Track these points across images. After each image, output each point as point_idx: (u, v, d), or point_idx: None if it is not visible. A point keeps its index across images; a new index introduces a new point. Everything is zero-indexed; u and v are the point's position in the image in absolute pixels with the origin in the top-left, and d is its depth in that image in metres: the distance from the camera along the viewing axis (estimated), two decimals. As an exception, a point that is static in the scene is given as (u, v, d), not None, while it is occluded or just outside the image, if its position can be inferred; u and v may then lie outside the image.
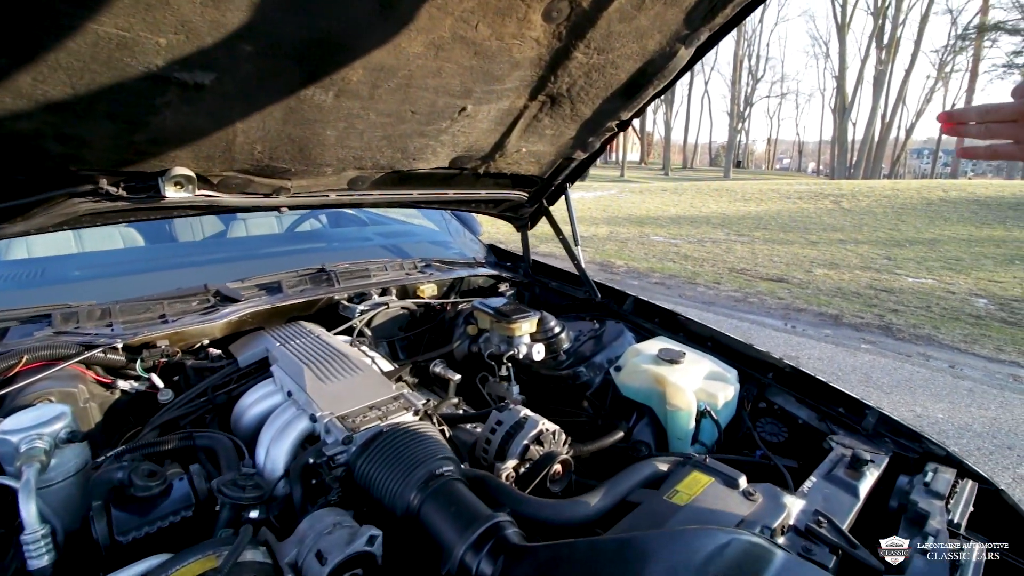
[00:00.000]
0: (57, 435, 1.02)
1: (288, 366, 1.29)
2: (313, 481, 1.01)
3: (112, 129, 0.97)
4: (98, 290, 1.59)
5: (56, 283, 1.67)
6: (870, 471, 1.17)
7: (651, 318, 1.90)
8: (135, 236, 2.14)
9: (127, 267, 1.86)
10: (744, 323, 5.61)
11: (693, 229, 11.59)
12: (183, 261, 1.96)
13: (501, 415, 1.22)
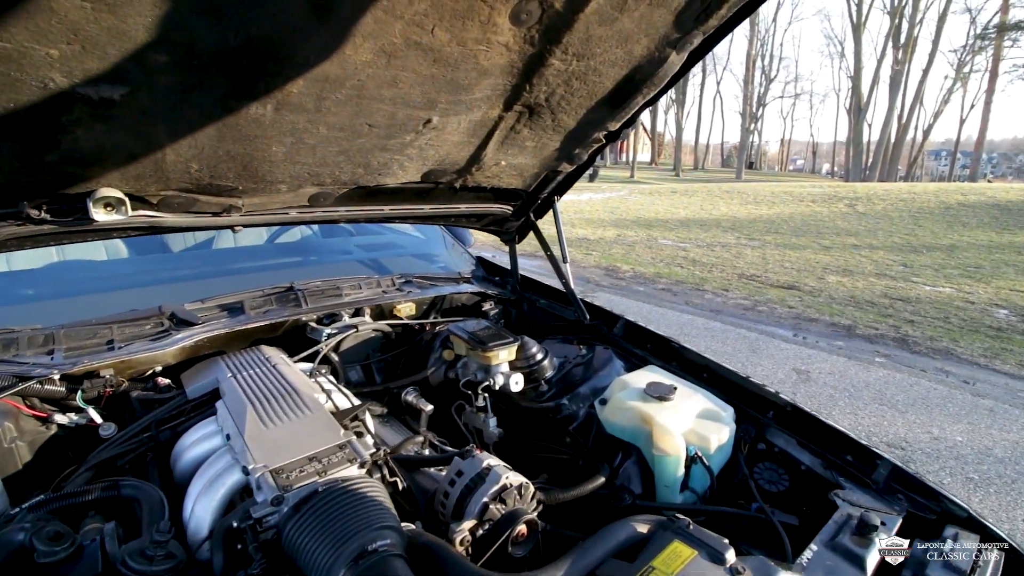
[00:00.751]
0: (-41, 489, 0.92)
1: (233, 403, 1.18)
2: (238, 546, 0.89)
3: (17, 150, 0.86)
4: (48, 311, 1.49)
5: (4, 304, 1.58)
6: (880, 538, 1.03)
7: (643, 344, 1.76)
8: (98, 246, 2.03)
9: (85, 285, 1.76)
10: (752, 333, 5.43)
11: (703, 233, 11.38)
12: (146, 278, 1.86)
13: (463, 463, 1.10)
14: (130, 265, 1.98)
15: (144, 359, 1.38)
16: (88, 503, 0.99)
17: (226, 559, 0.88)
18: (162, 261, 2.04)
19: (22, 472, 1.12)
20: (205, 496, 0.98)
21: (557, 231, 1.92)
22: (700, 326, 5.62)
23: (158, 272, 1.96)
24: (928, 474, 3.01)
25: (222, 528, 0.90)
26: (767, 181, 26.37)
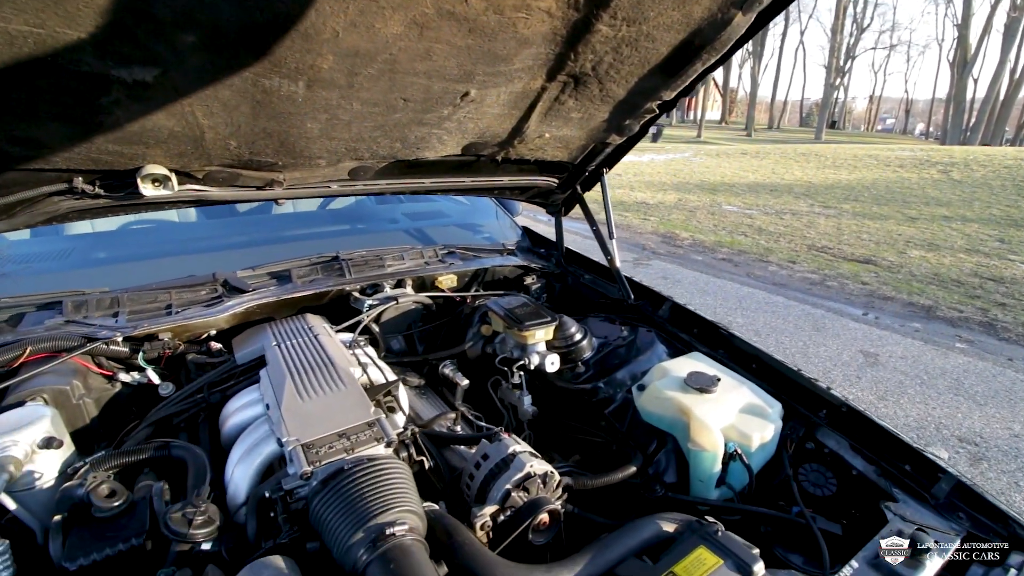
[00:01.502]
0: (34, 441, 1.02)
1: (274, 373, 1.23)
2: (271, 514, 0.94)
3: (63, 130, 0.90)
4: (115, 275, 1.60)
5: (78, 267, 1.71)
6: (931, 560, 0.95)
7: (689, 328, 1.68)
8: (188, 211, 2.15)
9: (149, 249, 1.87)
10: (818, 310, 5.11)
11: (772, 199, 10.67)
12: (203, 244, 1.95)
13: (489, 447, 1.10)
14: (188, 230, 2.08)
15: (199, 324, 1.46)
16: (143, 460, 1.08)
17: (259, 526, 0.93)
18: (219, 227, 2.13)
19: (89, 426, 1.22)
20: (243, 463, 1.03)
21: (604, 205, 1.83)
22: (760, 300, 5.34)
23: (215, 238, 2.05)
24: (1003, 475, 2.77)
25: (256, 497, 0.95)
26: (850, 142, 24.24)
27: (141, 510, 0.94)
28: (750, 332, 4.52)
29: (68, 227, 1.88)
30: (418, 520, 0.88)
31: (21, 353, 1.25)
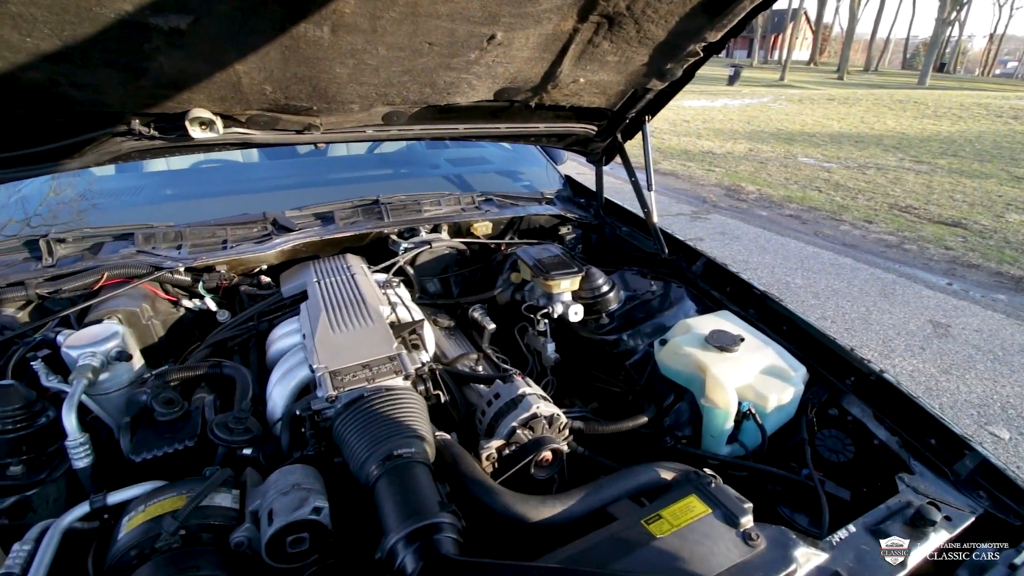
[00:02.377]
0: (109, 353, 1.18)
1: (312, 307, 1.33)
2: (301, 430, 1.06)
3: (116, 76, 0.98)
4: (179, 211, 1.75)
5: (150, 203, 1.87)
6: (937, 533, 0.94)
7: (722, 286, 1.64)
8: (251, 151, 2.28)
9: (208, 188, 2.01)
10: (889, 275, 4.76)
11: (857, 151, 9.77)
12: (257, 185, 2.07)
13: (501, 387, 1.16)
14: (243, 171, 2.21)
15: (250, 259, 1.59)
16: (199, 376, 1.23)
17: (291, 439, 1.06)
18: (271, 168, 2.25)
19: (156, 345, 1.39)
20: (280, 384, 1.15)
21: (645, 155, 1.77)
22: (825, 261, 5.03)
23: (267, 179, 2.17)
24: (1074, 461, 2.58)
25: (288, 414, 1.06)
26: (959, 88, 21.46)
27: (195, 418, 1.08)
28: (808, 294, 4.30)
29: (144, 165, 2.06)
30: (426, 446, 0.96)
31: (99, 278, 1.42)
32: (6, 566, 0.79)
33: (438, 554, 0.76)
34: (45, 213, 1.75)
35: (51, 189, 1.86)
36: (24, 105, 1.02)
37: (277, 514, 0.84)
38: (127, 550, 0.81)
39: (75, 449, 1.02)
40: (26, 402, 1.04)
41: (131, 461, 1.01)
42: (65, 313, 1.34)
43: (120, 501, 0.91)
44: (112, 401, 1.19)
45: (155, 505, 0.86)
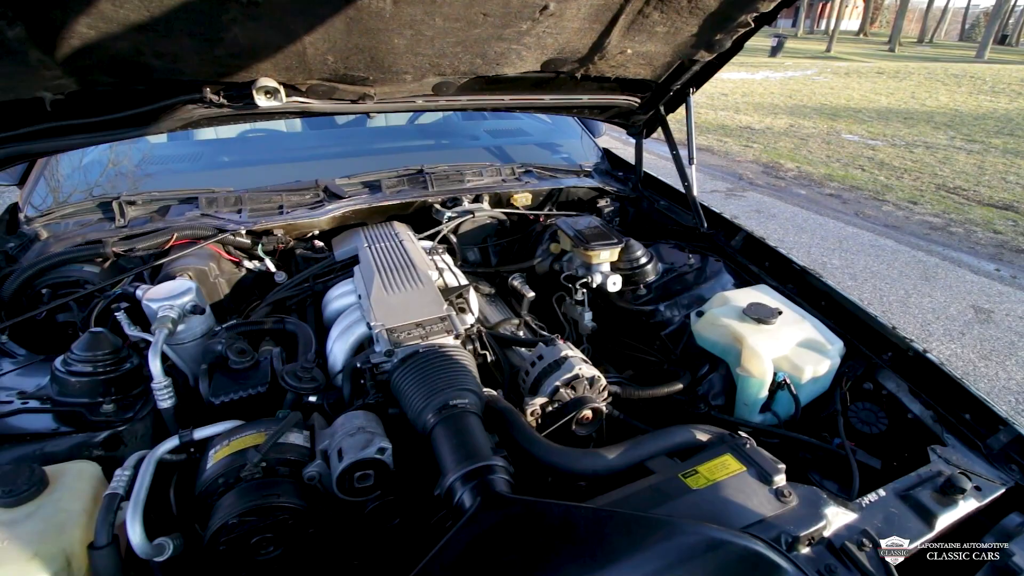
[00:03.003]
0: (184, 307, 1.28)
1: (365, 270, 1.41)
2: (361, 381, 1.14)
3: (194, 45, 1.04)
4: (240, 177, 1.84)
5: (208, 169, 1.97)
6: (966, 501, 0.97)
7: (761, 261, 1.65)
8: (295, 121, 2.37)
9: (265, 156, 2.10)
10: (932, 258, 4.62)
11: (905, 128, 9.33)
12: (310, 153, 2.15)
13: (544, 350, 1.22)
14: (293, 140, 2.29)
15: (304, 224, 1.67)
16: (264, 331, 1.32)
17: (352, 389, 1.14)
18: (318, 137, 2.32)
19: (221, 301, 1.49)
20: (340, 340, 1.24)
21: (687, 128, 1.77)
22: (865, 242, 4.90)
23: (315, 148, 2.24)
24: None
25: (349, 367, 1.15)
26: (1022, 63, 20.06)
27: (264, 366, 1.18)
28: (845, 276, 4.22)
29: (194, 133, 2.15)
30: (477, 398, 1.04)
31: (170, 238, 1.52)
32: (111, 487, 0.90)
33: (493, 491, 0.84)
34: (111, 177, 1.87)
35: (110, 160, 1.97)
36: (110, 73, 1.10)
37: (346, 452, 0.92)
38: (215, 478, 0.91)
39: (160, 391, 1.13)
40: (114, 348, 1.15)
41: (210, 404, 1.11)
42: (141, 269, 1.45)
43: (204, 437, 1.01)
44: (187, 351, 1.29)
45: (238, 440, 0.96)
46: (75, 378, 1.10)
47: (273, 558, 0.91)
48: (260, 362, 1.19)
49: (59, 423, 1.07)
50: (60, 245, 1.53)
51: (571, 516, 0.80)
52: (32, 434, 1.04)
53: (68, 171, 1.84)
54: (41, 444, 1.02)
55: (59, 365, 1.11)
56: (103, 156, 1.96)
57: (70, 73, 1.07)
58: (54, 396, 1.10)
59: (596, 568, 0.73)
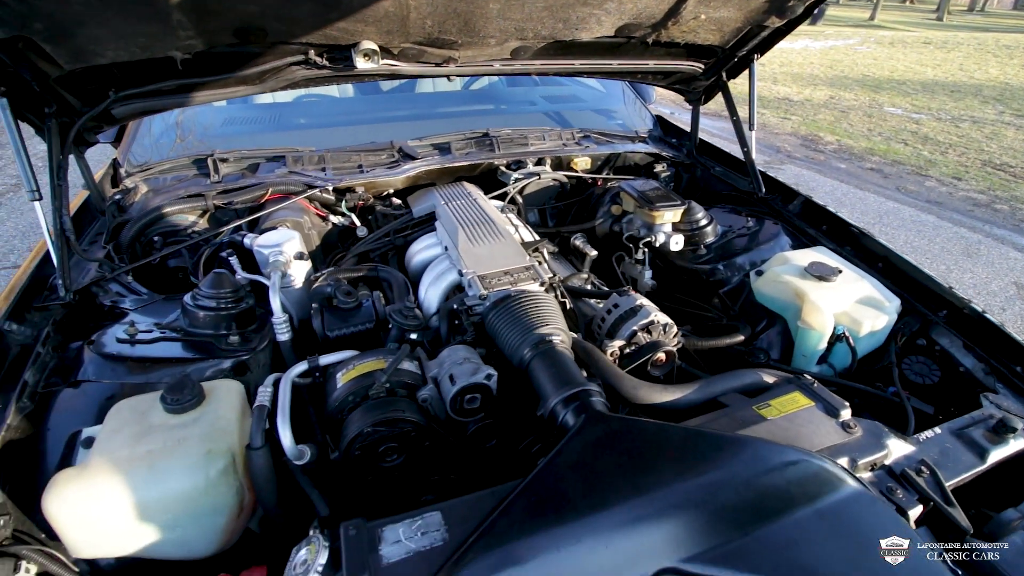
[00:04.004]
0: (291, 253, 1.41)
1: (447, 224, 1.52)
2: (455, 322, 1.27)
3: (313, 9, 1.14)
4: (316, 137, 1.96)
5: (287, 129, 2.09)
6: (1016, 440, 1.06)
7: (818, 224, 1.71)
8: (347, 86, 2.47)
9: (336, 118, 2.21)
10: (975, 235, 4.55)
11: (951, 102, 8.99)
12: (378, 115, 2.24)
13: (619, 299, 1.33)
14: (363, 104, 2.39)
15: (382, 182, 1.79)
16: (359, 277, 1.45)
17: (448, 329, 1.27)
18: (386, 101, 2.42)
19: (313, 252, 1.62)
20: (433, 286, 1.36)
21: (750, 94, 1.81)
22: (906, 217, 4.85)
23: (379, 110, 2.34)
24: None
25: (446, 308, 1.27)
26: (1085, 30, 18.90)
27: (367, 307, 1.31)
28: (885, 249, 4.20)
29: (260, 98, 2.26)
30: (567, 337, 1.15)
31: (265, 192, 1.65)
32: (258, 401, 1.04)
33: (595, 410, 0.96)
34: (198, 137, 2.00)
35: (177, 124, 2.07)
36: (234, 35, 1.21)
37: (458, 377, 1.05)
38: (346, 395, 1.05)
39: (280, 325, 1.27)
40: (234, 287, 1.29)
41: (325, 337, 1.25)
42: (243, 221, 1.58)
43: (328, 363, 1.15)
44: (291, 294, 1.43)
45: (361, 365, 1.09)
46: (203, 312, 1.24)
47: (395, 466, 1.05)
48: (363, 303, 1.32)
49: (191, 351, 1.22)
50: (161, 198, 1.67)
51: (665, 432, 0.91)
52: (174, 359, 1.19)
53: (160, 130, 1.98)
54: (184, 368, 1.17)
55: (188, 300, 1.25)
56: (190, 117, 2.08)
57: (201, 34, 1.18)
58: (186, 328, 1.25)
59: (689, 475, 0.85)
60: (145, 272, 1.57)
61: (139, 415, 0.98)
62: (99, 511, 0.87)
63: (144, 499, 0.88)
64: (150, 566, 0.98)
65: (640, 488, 0.82)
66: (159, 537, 0.92)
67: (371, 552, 0.77)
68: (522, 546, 0.75)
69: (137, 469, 0.89)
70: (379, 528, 0.80)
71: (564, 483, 0.83)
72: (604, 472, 0.85)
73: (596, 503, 0.80)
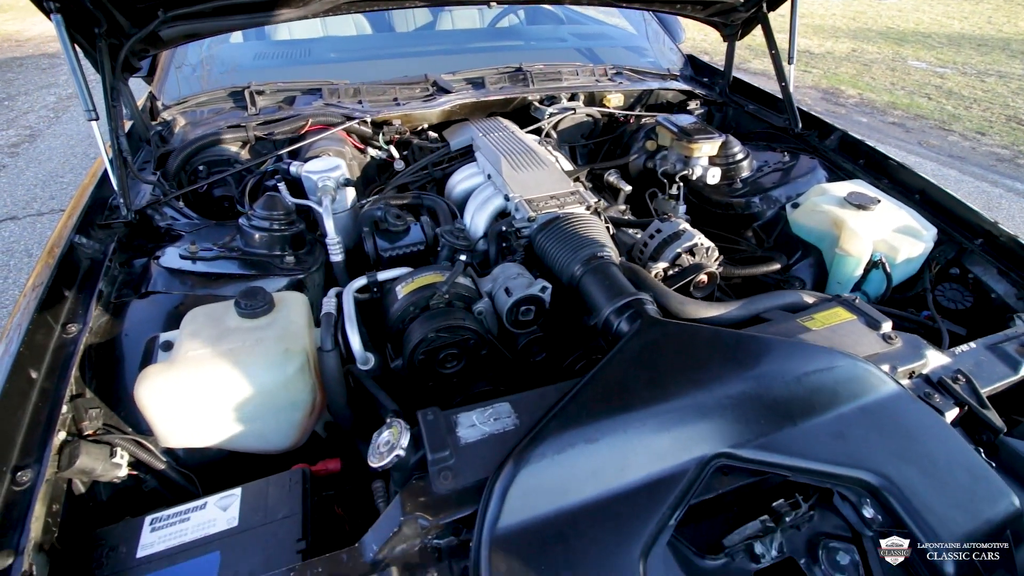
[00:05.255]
0: (338, 179, 1.44)
1: (488, 154, 1.53)
2: (504, 244, 1.30)
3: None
4: (346, 71, 1.94)
5: (316, 63, 2.07)
6: (1050, 354, 1.10)
7: (856, 159, 1.71)
8: (365, 25, 2.44)
9: (365, 53, 2.18)
10: (997, 189, 4.50)
11: (978, 56, 8.68)
12: (405, 51, 2.21)
13: (662, 224, 1.36)
14: (385, 40, 2.35)
15: (418, 115, 1.79)
16: (404, 205, 1.48)
17: (497, 250, 1.31)
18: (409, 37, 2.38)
19: (355, 183, 1.64)
20: (479, 211, 1.39)
21: (791, 26, 1.78)
22: (927, 171, 4.72)
23: (407, 47, 2.31)
24: None
25: (495, 230, 1.30)
26: (1124, -19, 17.96)
27: (415, 229, 1.35)
28: (905, 202, 4.17)
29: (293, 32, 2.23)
30: (614, 255, 1.19)
31: (305, 123, 1.66)
32: (324, 309, 1.09)
33: (649, 317, 1.00)
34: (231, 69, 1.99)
35: (207, 60, 2.05)
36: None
37: (514, 290, 1.10)
38: (407, 306, 1.10)
39: (333, 246, 1.31)
40: (288, 210, 1.32)
41: (379, 257, 1.29)
42: (287, 150, 1.60)
43: (385, 279, 1.19)
44: (339, 220, 1.46)
45: (420, 278, 1.14)
46: (258, 233, 1.28)
47: (453, 373, 1.11)
48: (412, 226, 1.36)
49: (249, 268, 1.26)
50: (201, 129, 1.68)
51: (719, 335, 0.96)
52: (235, 275, 1.23)
53: (191, 64, 1.97)
54: (247, 283, 1.22)
55: (243, 222, 1.29)
56: (221, 53, 2.07)
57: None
58: (243, 247, 1.29)
59: (743, 372, 0.90)
60: (192, 200, 1.61)
61: (215, 320, 1.04)
62: (187, 401, 0.94)
63: (229, 391, 0.95)
64: (231, 460, 1.06)
65: (697, 382, 0.88)
66: (241, 429, 0.99)
67: (449, 434, 0.83)
68: (592, 428, 0.81)
69: (222, 364, 0.94)
70: (454, 415, 0.87)
71: (627, 376, 0.89)
72: (664, 368, 0.90)
73: (658, 394, 0.86)
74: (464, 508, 0.75)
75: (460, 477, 0.78)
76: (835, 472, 0.83)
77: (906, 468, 0.84)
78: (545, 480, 0.76)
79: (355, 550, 0.76)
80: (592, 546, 0.71)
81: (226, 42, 2.08)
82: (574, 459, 0.78)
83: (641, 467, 0.79)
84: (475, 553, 0.70)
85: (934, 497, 0.82)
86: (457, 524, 0.77)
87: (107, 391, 1.04)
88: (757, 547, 0.81)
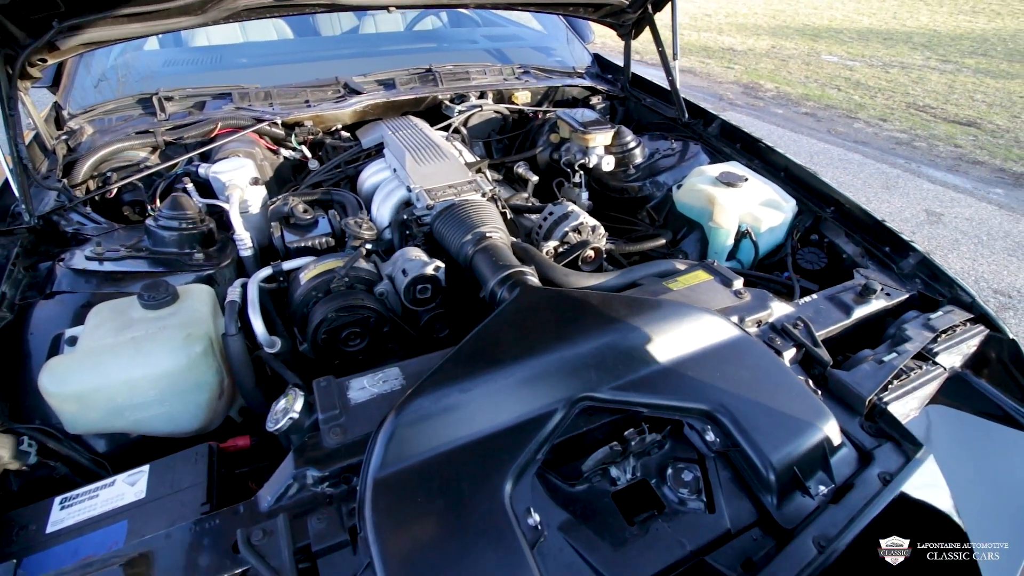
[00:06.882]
0: (247, 178, 1.50)
1: (395, 150, 1.63)
2: (406, 232, 1.40)
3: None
4: (259, 76, 1.99)
5: (229, 68, 2.10)
6: (876, 300, 1.29)
7: (734, 143, 1.91)
8: (286, 30, 2.48)
9: (279, 57, 2.23)
10: (895, 170, 4.94)
11: (884, 49, 9.41)
12: (321, 55, 2.28)
13: (553, 207, 1.49)
14: (302, 44, 2.40)
15: (330, 116, 1.86)
16: (314, 200, 1.55)
17: (400, 238, 1.40)
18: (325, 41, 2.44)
19: (266, 183, 1.70)
20: (384, 203, 1.48)
21: (672, 26, 1.95)
22: (834, 156, 5.19)
23: (322, 51, 2.37)
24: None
25: (397, 220, 1.40)
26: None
27: (322, 222, 1.43)
28: (813, 186, 4.52)
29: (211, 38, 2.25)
30: (505, 235, 1.31)
31: (214, 127, 1.71)
32: (229, 297, 1.16)
33: (527, 285, 1.12)
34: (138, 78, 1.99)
35: (116, 67, 2.05)
36: (174, -39, 1.25)
37: (410, 270, 1.19)
38: (310, 290, 1.18)
39: (241, 242, 1.37)
40: (195, 209, 1.37)
41: (286, 250, 1.36)
42: (196, 153, 1.64)
43: (291, 268, 1.27)
44: (250, 220, 1.52)
45: (321, 265, 1.22)
46: (167, 232, 1.32)
47: (359, 350, 1.19)
48: (319, 219, 1.44)
49: (157, 266, 1.30)
50: (109, 136, 1.70)
51: (587, 296, 1.09)
52: (143, 272, 1.28)
53: (99, 74, 1.96)
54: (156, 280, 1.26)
55: (151, 223, 1.33)
56: (130, 60, 2.06)
57: (141, -40, 1.22)
58: (151, 247, 1.33)
59: (606, 326, 1.03)
60: (100, 207, 1.62)
61: (119, 313, 1.09)
62: (91, 388, 0.98)
63: (133, 376, 1.00)
64: (147, 445, 1.11)
65: (564, 337, 1.00)
66: (148, 412, 1.04)
67: (340, 396, 0.92)
68: (467, 381, 0.91)
69: (124, 350, 1.00)
70: (347, 380, 0.96)
71: (502, 335, 1.00)
72: (535, 327, 1.02)
73: (528, 348, 0.97)
74: (351, 459, 0.84)
75: (348, 432, 0.88)
76: (681, 405, 0.97)
77: (741, 398, 0.99)
78: (423, 428, 0.86)
79: (252, 503, 0.84)
80: (464, 478, 0.82)
81: (139, 49, 2.08)
82: (449, 408, 0.88)
83: (511, 411, 0.90)
84: (360, 494, 0.79)
85: (763, 420, 0.97)
86: (347, 475, 0.86)
87: (14, 387, 1.07)
88: (613, 471, 0.94)
